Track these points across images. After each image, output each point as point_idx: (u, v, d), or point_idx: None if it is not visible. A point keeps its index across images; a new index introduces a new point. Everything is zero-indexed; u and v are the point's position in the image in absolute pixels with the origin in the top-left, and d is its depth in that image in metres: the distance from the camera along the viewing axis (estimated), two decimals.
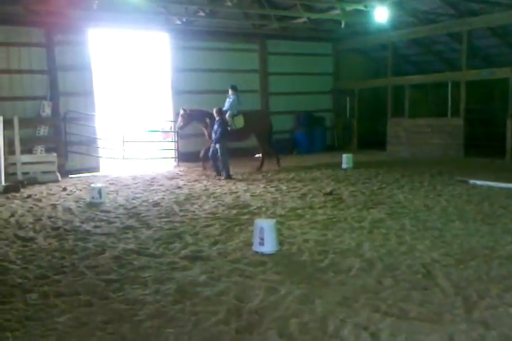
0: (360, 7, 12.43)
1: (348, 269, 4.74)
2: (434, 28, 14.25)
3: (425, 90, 17.20)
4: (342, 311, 3.77)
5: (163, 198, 8.78)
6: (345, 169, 12.04)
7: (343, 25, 13.89)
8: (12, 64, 11.86)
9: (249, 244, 5.57)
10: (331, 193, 8.75)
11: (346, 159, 12.27)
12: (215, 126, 10.97)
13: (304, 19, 14.33)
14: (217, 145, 10.91)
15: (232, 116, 11.58)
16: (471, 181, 9.39)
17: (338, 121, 17.46)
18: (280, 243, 5.56)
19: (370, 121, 17.49)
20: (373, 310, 3.77)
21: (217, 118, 10.96)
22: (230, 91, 11.91)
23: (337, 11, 13.21)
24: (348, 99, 17.17)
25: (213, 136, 11.05)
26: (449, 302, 3.91)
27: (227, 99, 11.92)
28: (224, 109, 11.57)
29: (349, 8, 12.83)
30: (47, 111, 12.23)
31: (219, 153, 10.91)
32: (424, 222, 6.54)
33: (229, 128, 11.31)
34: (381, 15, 12.12)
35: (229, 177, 10.90)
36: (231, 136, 11.40)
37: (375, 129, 17.37)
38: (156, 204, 8.27)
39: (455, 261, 4.92)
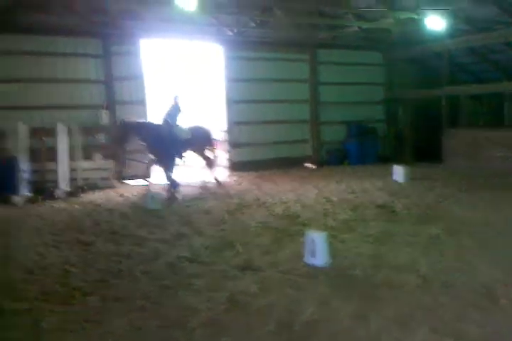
0: (413, 15, 12.18)
1: (402, 285, 4.62)
2: (490, 37, 13.71)
3: (480, 100, 16.57)
4: (397, 329, 3.67)
5: (215, 206, 8.91)
6: (398, 181, 11.72)
7: (395, 34, 13.65)
8: (72, 74, 12.33)
9: (300, 256, 5.52)
10: (383, 206, 8.57)
11: (399, 171, 11.94)
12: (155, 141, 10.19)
13: (355, 28, 14.21)
14: (164, 161, 10.29)
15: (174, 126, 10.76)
16: None
17: (390, 131, 17.09)
18: (332, 256, 5.49)
19: (424, 131, 16.99)
20: (430, 330, 3.65)
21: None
22: (174, 101, 10.96)
23: (389, 20, 13.01)
24: (400, 109, 16.80)
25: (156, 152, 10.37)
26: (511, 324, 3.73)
27: (170, 109, 10.96)
28: (164, 118, 10.76)
29: (402, 16, 12.60)
30: (104, 119, 12.75)
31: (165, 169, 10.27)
32: (484, 239, 6.26)
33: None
34: (435, 24, 11.84)
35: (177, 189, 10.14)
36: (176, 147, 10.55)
37: (430, 140, 16.86)
38: (208, 212, 8.40)
39: None
